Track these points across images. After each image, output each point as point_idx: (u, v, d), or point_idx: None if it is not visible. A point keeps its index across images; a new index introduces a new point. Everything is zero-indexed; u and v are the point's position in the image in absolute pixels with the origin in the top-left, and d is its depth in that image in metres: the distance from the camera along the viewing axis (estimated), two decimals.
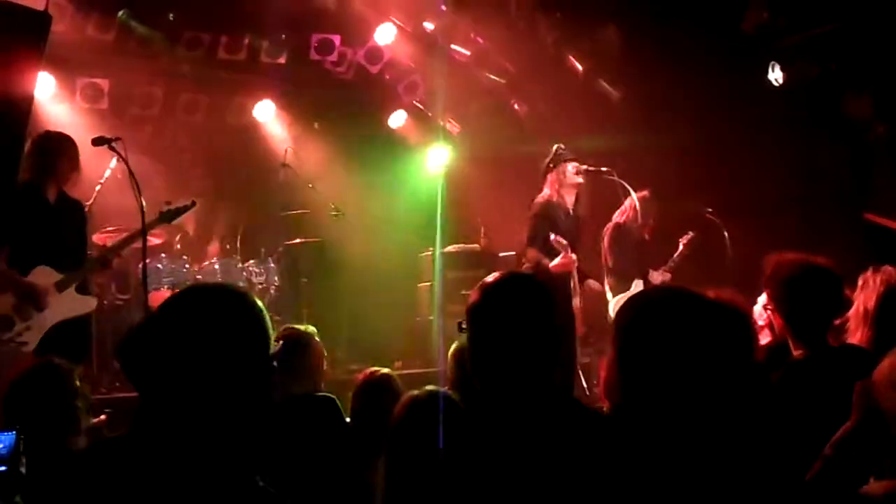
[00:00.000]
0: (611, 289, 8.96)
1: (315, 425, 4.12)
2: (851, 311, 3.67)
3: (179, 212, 7.33)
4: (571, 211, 8.01)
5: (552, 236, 7.77)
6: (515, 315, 2.59)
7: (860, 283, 3.72)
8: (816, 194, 10.18)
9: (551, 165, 7.99)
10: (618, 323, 1.95)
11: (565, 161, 7.95)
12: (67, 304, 6.65)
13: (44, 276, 6.54)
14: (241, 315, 2.09)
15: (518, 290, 2.66)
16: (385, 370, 4.78)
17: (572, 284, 7.99)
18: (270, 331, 2.14)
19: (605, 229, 9.14)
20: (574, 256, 7.84)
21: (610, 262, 8.99)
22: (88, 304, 6.89)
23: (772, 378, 3.43)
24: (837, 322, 3.65)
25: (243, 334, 2.07)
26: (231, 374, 2.02)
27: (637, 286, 8.92)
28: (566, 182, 7.93)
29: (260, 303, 2.16)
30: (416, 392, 3.36)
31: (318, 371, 4.79)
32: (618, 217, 9.20)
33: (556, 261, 7.81)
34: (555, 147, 8.02)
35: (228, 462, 1.99)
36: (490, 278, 2.71)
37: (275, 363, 2.12)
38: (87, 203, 8.79)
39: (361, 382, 4.63)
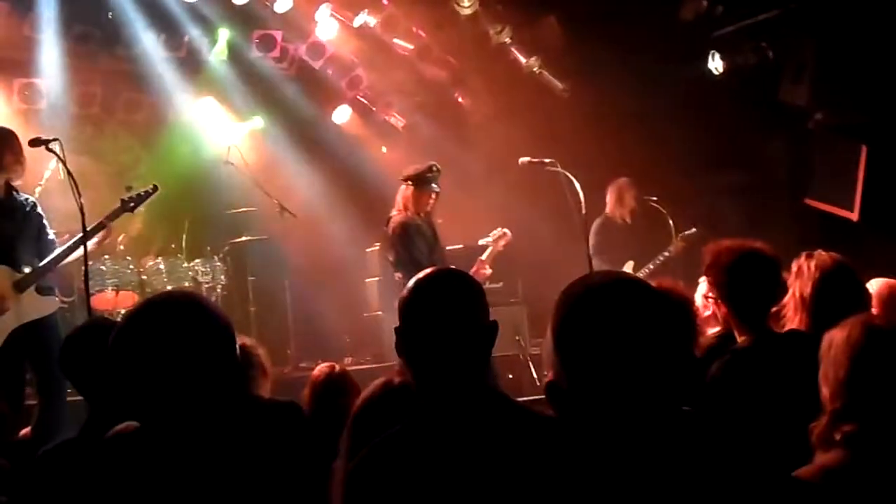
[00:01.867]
0: None
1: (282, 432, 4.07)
2: (787, 297, 3.71)
3: (141, 199, 7.17)
4: (428, 221, 8.00)
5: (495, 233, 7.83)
6: (445, 311, 2.60)
7: (794, 269, 3.76)
8: (757, 181, 10.32)
9: (420, 182, 7.89)
10: (557, 306, 1.95)
11: (429, 188, 7.89)
12: (29, 306, 6.53)
13: (1, 276, 6.43)
14: (208, 326, 2.09)
15: (449, 286, 2.67)
16: (339, 367, 4.72)
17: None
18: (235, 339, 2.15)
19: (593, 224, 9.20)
20: (486, 269, 8.02)
21: (600, 256, 9.01)
22: (50, 304, 6.76)
23: (716, 365, 3.46)
24: (774, 309, 3.70)
25: (211, 345, 2.07)
26: (199, 382, 2.02)
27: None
28: (422, 204, 7.88)
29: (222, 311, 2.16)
30: (386, 378, 3.35)
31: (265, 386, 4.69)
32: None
33: (472, 270, 7.87)
34: (428, 166, 7.95)
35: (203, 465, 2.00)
36: (420, 275, 2.71)
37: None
38: None
39: (322, 380, 4.54)
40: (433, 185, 7.88)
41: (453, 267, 3.32)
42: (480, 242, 8.46)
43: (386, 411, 3.21)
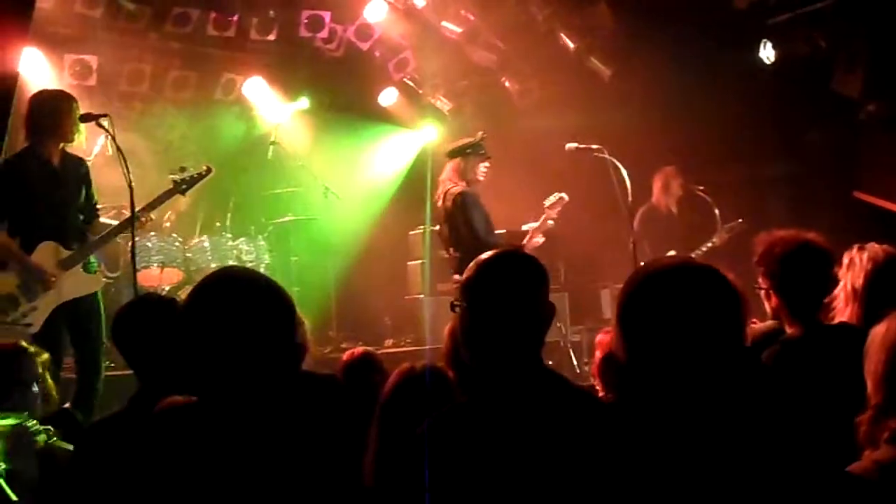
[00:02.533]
0: None
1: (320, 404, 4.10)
2: (838, 290, 3.67)
3: (194, 181, 7.16)
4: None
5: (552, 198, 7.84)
6: (509, 293, 2.60)
7: (846, 261, 3.71)
8: (805, 173, 10.21)
9: (468, 151, 7.88)
10: (626, 285, 1.95)
11: (481, 158, 7.87)
12: (73, 284, 6.51)
13: (49, 253, 6.43)
14: (274, 303, 2.11)
15: (514, 266, 2.67)
16: (364, 348, 4.75)
17: None
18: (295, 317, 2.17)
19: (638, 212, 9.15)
20: (536, 237, 7.88)
21: (643, 244, 8.95)
22: (95, 282, 6.75)
23: (766, 355, 3.43)
24: (825, 301, 3.66)
25: (276, 322, 2.09)
26: (263, 357, 2.04)
27: None
28: (471, 177, 7.84)
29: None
30: (409, 364, 3.37)
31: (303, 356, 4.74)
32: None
33: (525, 242, 7.84)
34: (479, 135, 7.93)
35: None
36: (486, 255, 2.71)
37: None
38: None
39: (345, 364, 4.58)
40: (482, 153, 7.86)
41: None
42: (524, 227, 8.42)
43: (410, 398, 3.23)
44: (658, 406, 1.86)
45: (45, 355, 4.43)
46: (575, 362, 9.04)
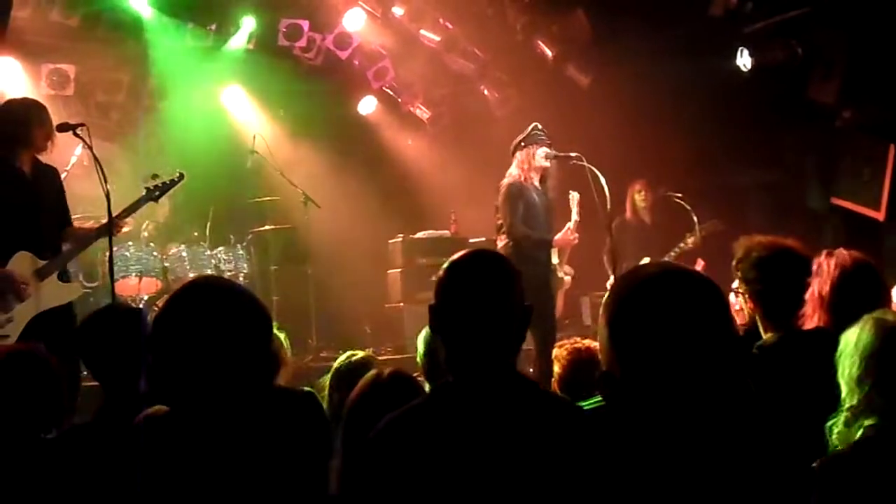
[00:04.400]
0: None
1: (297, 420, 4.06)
2: (808, 296, 3.69)
3: (167, 187, 7.12)
4: (541, 189, 8.05)
5: (572, 196, 7.92)
6: (479, 292, 2.60)
7: (814, 267, 3.73)
8: (783, 179, 10.26)
9: (523, 144, 7.99)
10: (611, 298, 1.94)
11: (537, 143, 7.95)
12: (50, 293, 6.41)
13: (24, 263, 6.32)
14: (247, 313, 2.10)
15: (484, 268, 2.67)
16: (363, 353, 4.69)
17: (559, 259, 8.16)
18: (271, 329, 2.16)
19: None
20: (576, 234, 7.95)
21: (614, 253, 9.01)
22: (72, 291, 6.67)
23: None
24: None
25: (251, 333, 2.08)
26: (236, 368, 2.03)
27: None
28: (534, 164, 7.94)
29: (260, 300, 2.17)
30: (376, 371, 3.36)
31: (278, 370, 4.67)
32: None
33: (559, 235, 7.90)
34: (531, 126, 8.02)
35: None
36: (458, 255, 2.71)
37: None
38: None
39: (340, 369, 4.52)
40: (538, 141, 7.93)
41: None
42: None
43: (376, 405, 3.21)
44: (657, 413, 1.86)
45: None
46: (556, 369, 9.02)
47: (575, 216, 8.09)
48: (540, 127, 8.01)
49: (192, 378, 2.01)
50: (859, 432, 2.73)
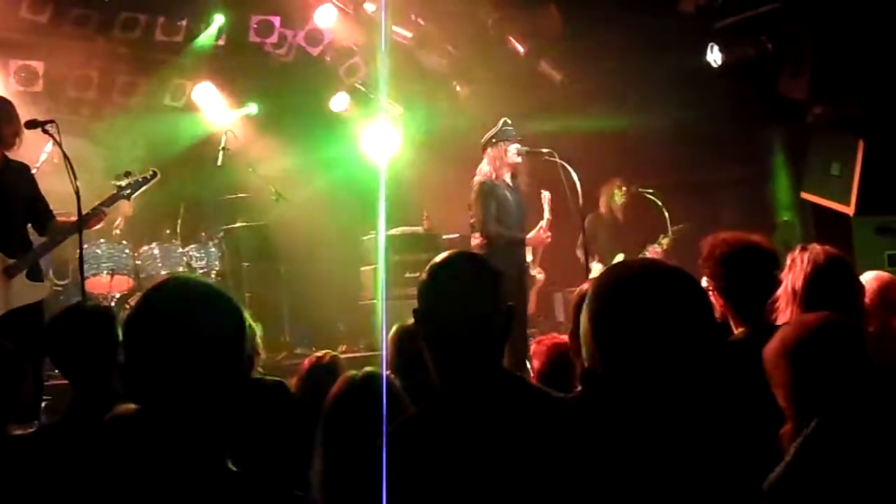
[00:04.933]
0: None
1: (267, 410, 4.06)
2: (780, 291, 3.71)
3: (139, 185, 7.10)
4: (512, 186, 8.06)
5: (544, 195, 7.92)
6: (461, 294, 2.60)
7: (788, 262, 3.76)
8: (754, 175, 10.32)
9: (493, 140, 7.99)
10: (594, 296, 1.94)
11: (508, 140, 7.96)
12: (19, 292, 6.38)
13: None
14: (224, 311, 2.09)
15: (466, 269, 2.67)
16: (331, 353, 4.68)
17: (532, 258, 8.19)
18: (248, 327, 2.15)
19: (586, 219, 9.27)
20: (548, 233, 7.97)
21: (590, 249, 9.04)
22: (40, 290, 6.60)
23: None
24: (768, 302, 3.69)
25: (226, 330, 2.07)
26: (212, 370, 2.02)
27: None
28: (505, 160, 7.95)
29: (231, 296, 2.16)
30: (353, 372, 3.36)
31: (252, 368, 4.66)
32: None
33: (531, 234, 7.92)
34: (500, 122, 8.02)
35: (199, 446, 2.00)
36: (439, 257, 2.71)
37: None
38: None
39: (308, 367, 4.52)
40: (509, 137, 7.93)
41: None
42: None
43: (352, 406, 3.21)
44: (641, 408, 1.86)
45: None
46: (529, 366, 9.04)
47: (547, 215, 8.12)
48: (510, 122, 8.02)
49: (165, 377, 2.00)
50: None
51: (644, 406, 1.85)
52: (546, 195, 8.16)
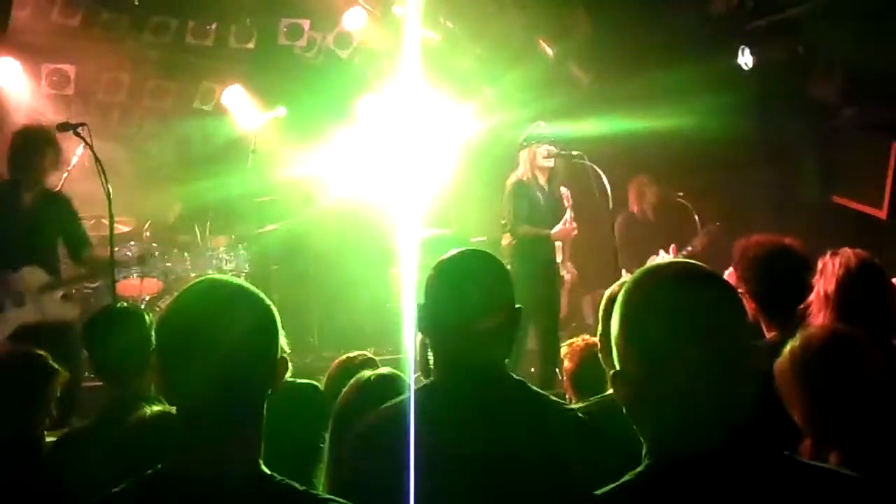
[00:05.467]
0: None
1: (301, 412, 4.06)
2: (812, 296, 3.68)
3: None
4: (547, 189, 8.04)
5: (563, 192, 7.91)
6: (468, 289, 2.58)
7: (819, 267, 3.73)
8: (785, 178, 10.24)
9: (524, 143, 7.99)
10: (625, 299, 1.91)
11: (538, 143, 7.95)
12: (46, 307, 6.63)
13: (30, 275, 6.57)
14: (257, 312, 2.09)
15: (473, 264, 2.66)
16: (365, 354, 4.67)
17: (561, 257, 8.17)
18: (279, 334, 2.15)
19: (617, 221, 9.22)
20: (574, 225, 7.94)
21: (623, 251, 8.99)
22: (68, 311, 6.86)
23: None
24: (800, 307, 3.66)
25: (258, 332, 2.07)
26: (242, 374, 2.02)
27: None
28: (536, 163, 7.94)
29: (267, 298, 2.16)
30: (367, 373, 3.35)
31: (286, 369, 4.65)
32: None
33: (556, 228, 7.89)
34: (533, 125, 8.02)
35: (231, 448, 2.00)
36: (447, 254, 2.70)
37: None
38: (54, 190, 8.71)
39: (338, 367, 4.50)
40: (541, 140, 7.93)
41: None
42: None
43: (362, 407, 3.19)
44: (671, 413, 1.83)
45: None
46: (557, 369, 9.02)
47: (569, 211, 8.09)
48: (543, 125, 8.00)
49: (198, 379, 2.00)
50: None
51: (677, 412, 1.82)
52: (565, 192, 8.14)
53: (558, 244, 8.31)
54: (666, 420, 1.81)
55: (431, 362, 2.63)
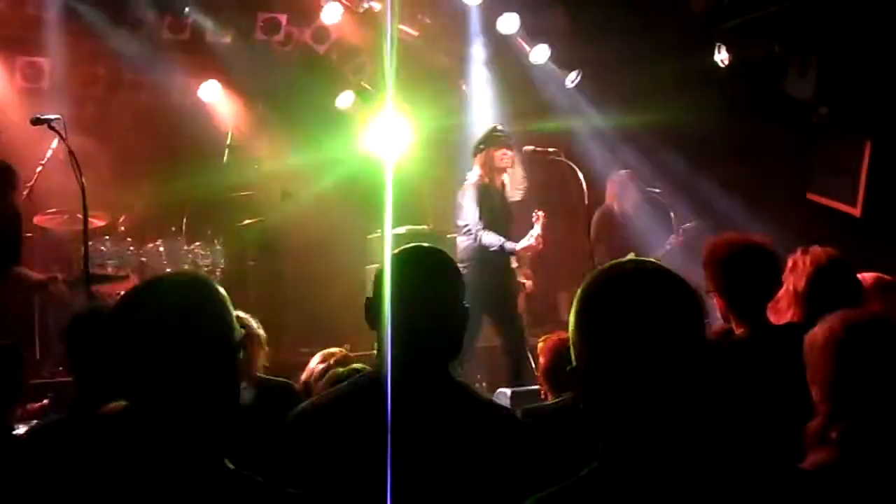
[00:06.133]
0: None
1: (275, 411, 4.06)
2: (782, 292, 3.71)
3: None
4: (501, 192, 8.05)
5: (535, 214, 7.85)
6: (417, 285, 2.59)
7: (790, 264, 3.76)
8: (760, 175, 10.29)
9: (482, 147, 7.99)
10: (582, 294, 1.92)
11: (497, 145, 7.95)
12: None
13: None
14: (208, 305, 2.08)
15: (424, 261, 2.67)
16: (342, 350, 4.68)
17: (519, 265, 8.14)
18: (234, 318, 2.15)
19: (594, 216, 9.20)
20: (540, 241, 7.93)
21: (600, 247, 8.98)
22: None
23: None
24: (769, 303, 3.69)
25: (211, 324, 2.06)
26: (198, 363, 2.01)
27: None
28: (494, 166, 7.94)
29: (222, 289, 2.15)
30: (340, 369, 3.36)
31: (255, 359, 4.68)
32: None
33: (523, 243, 7.87)
34: (490, 128, 8.02)
35: (195, 446, 1.99)
36: (400, 249, 2.71)
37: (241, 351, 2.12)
38: (28, 184, 8.66)
39: (317, 363, 4.50)
40: (498, 143, 7.92)
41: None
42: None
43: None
44: (623, 411, 1.83)
45: None
46: (533, 366, 9.04)
47: (538, 230, 8.05)
48: (500, 128, 8.00)
49: (148, 374, 2.00)
50: (833, 435, 2.68)
51: (627, 410, 1.83)
52: (538, 213, 8.11)
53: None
54: (615, 418, 1.82)
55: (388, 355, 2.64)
